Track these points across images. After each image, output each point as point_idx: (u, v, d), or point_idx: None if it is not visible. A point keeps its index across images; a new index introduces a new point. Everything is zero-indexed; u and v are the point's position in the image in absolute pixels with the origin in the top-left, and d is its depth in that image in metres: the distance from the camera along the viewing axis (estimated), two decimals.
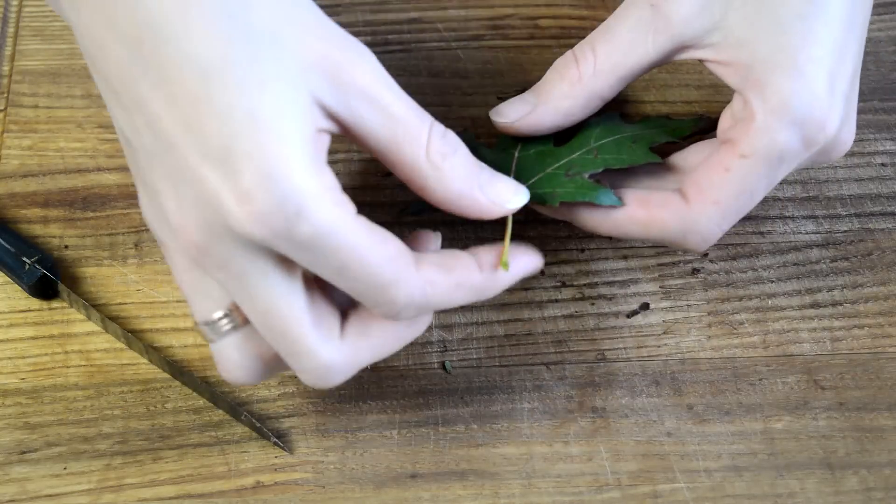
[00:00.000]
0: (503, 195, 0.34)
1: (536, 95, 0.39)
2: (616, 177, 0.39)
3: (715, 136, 0.38)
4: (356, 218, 0.30)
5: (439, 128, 0.32)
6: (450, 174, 0.32)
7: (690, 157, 0.39)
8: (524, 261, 0.35)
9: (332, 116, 0.30)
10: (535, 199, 0.36)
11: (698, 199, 0.35)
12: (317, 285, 0.32)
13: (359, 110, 0.30)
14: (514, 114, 0.39)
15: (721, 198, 0.35)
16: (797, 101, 0.34)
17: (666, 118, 0.41)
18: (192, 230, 0.29)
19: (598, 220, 0.37)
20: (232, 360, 0.33)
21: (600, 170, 0.38)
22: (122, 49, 0.29)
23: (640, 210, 0.36)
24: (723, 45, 0.36)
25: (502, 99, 0.43)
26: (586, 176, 0.38)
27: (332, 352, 0.32)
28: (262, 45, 0.29)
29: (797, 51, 0.34)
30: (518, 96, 0.39)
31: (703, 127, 0.40)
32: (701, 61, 0.37)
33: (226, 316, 0.32)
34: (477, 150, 0.35)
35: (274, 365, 0.34)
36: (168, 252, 0.33)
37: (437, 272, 0.32)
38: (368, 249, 0.30)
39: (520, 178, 0.38)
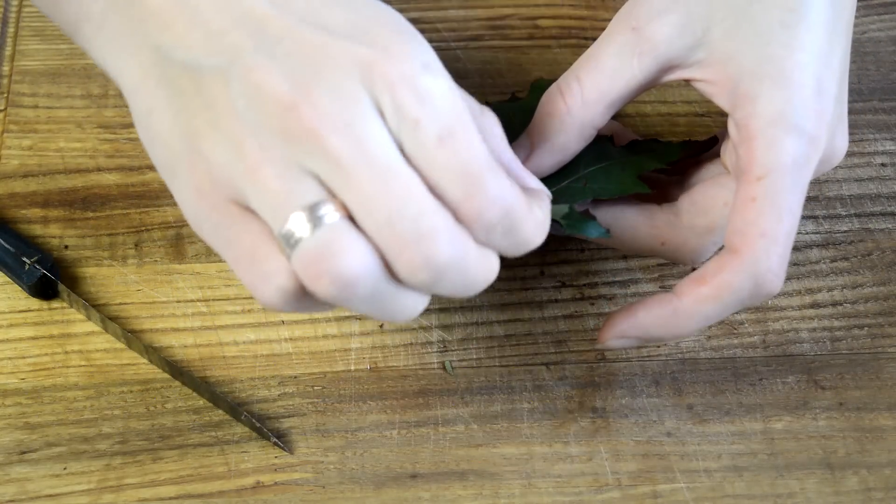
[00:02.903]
0: (523, 170, 0.35)
1: (530, 139, 0.38)
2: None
3: (702, 157, 0.38)
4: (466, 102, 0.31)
5: (487, 108, 0.35)
6: (497, 136, 0.34)
7: (700, 199, 0.38)
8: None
9: None
10: None
11: (746, 243, 0.33)
12: None
13: None
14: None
15: (765, 228, 0.33)
16: (791, 108, 0.34)
17: (654, 141, 0.40)
18: (314, 96, 0.29)
19: (667, 321, 0.35)
20: (344, 241, 0.29)
21: (589, 200, 0.38)
22: None
23: (704, 288, 0.34)
24: (708, 62, 0.36)
25: (490, 103, 0.43)
26: (576, 207, 0.38)
27: (447, 219, 0.30)
28: None
29: (783, 59, 0.34)
30: (513, 144, 0.38)
31: (692, 151, 0.40)
32: (688, 82, 0.37)
33: (325, 209, 0.29)
34: None
35: (378, 263, 0.30)
36: (249, 182, 0.30)
37: (516, 186, 0.32)
38: (473, 128, 0.30)
39: None
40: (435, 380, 0.41)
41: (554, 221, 0.38)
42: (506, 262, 0.34)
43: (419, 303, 0.32)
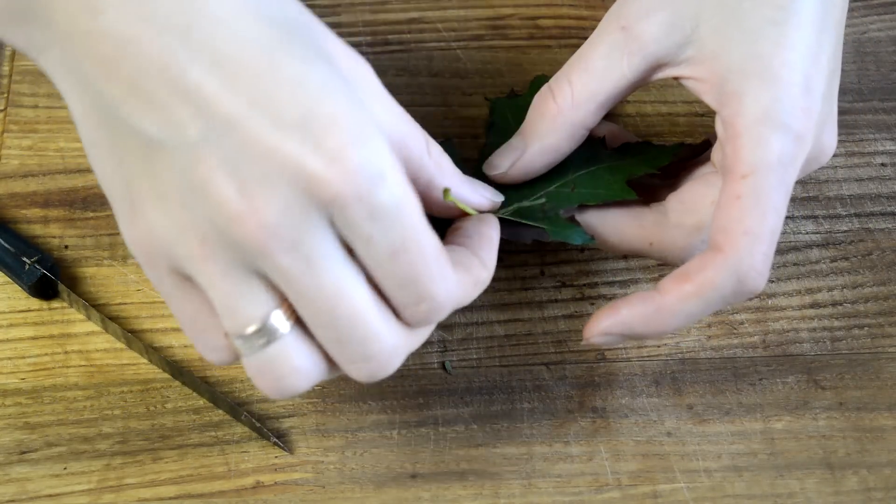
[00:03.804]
0: (488, 192, 0.37)
1: (522, 138, 0.38)
2: None
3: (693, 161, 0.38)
4: (419, 203, 0.30)
5: (429, 137, 0.35)
6: (448, 170, 0.34)
7: (688, 197, 0.38)
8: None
9: None
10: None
11: (730, 241, 0.33)
12: None
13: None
14: (505, 162, 0.38)
15: (749, 226, 0.33)
16: (778, 106, 0.34)
17: (646, 144, 0.40)
18: (264, 209, 0.28)
19: (650, 318, 0.35)
20: (293, 362, 0.30)
21: (575, 206, 0.38)
22: (169, 38, 0.28)
23: (687, 285, 0.34)
24: (697, 60, 0.36)
25: (490, 99, 0.44)
26: (561, 213, 0.38)
27: (396, 334, 0.31)
28: (302, 33, 0.30)
29: (771, 57, 0.34)
30: (505, 144, 0.39)
31: (683, 155, 0.40)
32: (677, 80, 0.37)
33: (276, 320, 0.30)
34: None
35: (327, 365, 0.32)
36: (194, 269, 0.29)
37: (464, 274, 0.33)
38: (427, 236, 0.30)
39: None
40: (435, 380, 0.41)
41: (539, 228, 0.38)
42: (506, 263, 0.34)
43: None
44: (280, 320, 0.30)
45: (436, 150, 0.34)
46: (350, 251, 0.29)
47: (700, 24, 0.35)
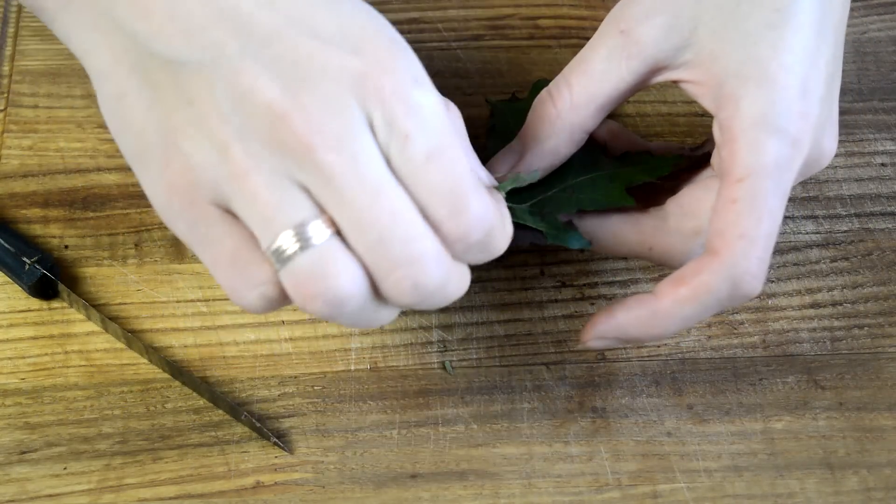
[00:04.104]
0: (484, 171, 0.35)
1: (521, 142, 0.38)
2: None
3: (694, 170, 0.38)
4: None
5: (450, 102, 0.35)
6: (461, 133, 0.34)
7: (687, 202, 0.38)
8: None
9: None
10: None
11: (725, 245, 0.33)
12: None
13: None
14: (505, 166, 0.38)
15: (744, 229, 0.33)
16: (774, 110, 0.33)
17: (647, 153, 0.40)
18: (307, 106, 0.28)
19: (646, 322, 0.35)
20: (336, 262, 0.29)
21: (574, 211, 0.38)
22: None
23: (683, 289, 0.34)
24: (695, 63, 0.36)
25: (490, 102, 0.44)
26: (559, 216, 0.38)
27: (436, 244, 0.30)
28: None
29: (768, 60, 0.34)
30: (505, 147, 0.39)
31: (683, 165, 0.40)
32: (676, 83, 0.37)
33: (315, 226, 0.29)
34: None
35: (368, 283, 0.30)
36: (233, 187, 0.29)
37: (496, 201, 0.32)
38: (460, 144, 0.31)
39: None
40: (435, 380, 0.41)
41: (537, 231, 0.38)
42: (506, 263, 0.34)
43: (392, 315, 0.32)
44: (320, 228, 0.29)
45: (454, 110, 0.34)
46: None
47: (698, 27, 0.35)
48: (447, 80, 0.48)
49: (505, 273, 0.43)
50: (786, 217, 0.45)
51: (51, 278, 0.41)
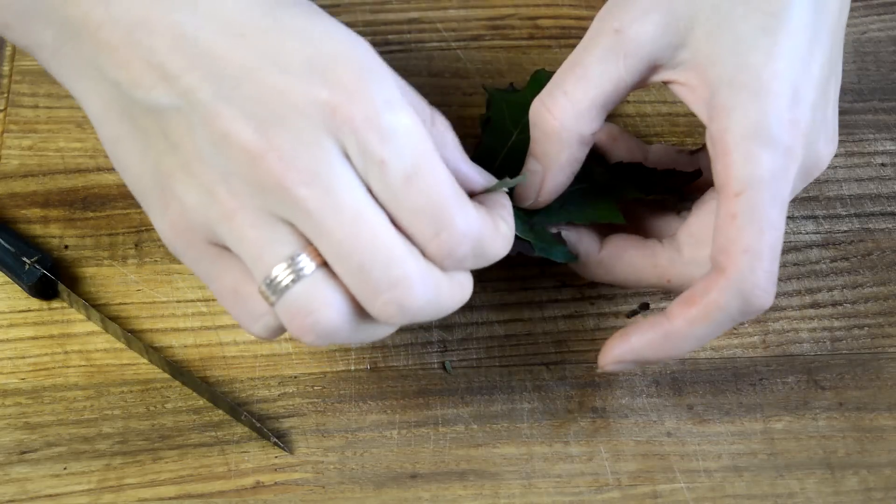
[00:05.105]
0: (486, 177, 0.35)
1: (536, 162, 0.37)
2: None
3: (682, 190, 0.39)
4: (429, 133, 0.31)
5: (437, 112, 0.35)
6: (451, 144, 0.34)
7: (696, 230, 0.37)
8: None
9: None
10: None
11: (730, 261, 0.33)
12: None
13: None
14: (531, 191, 0.38)
15: (747, 244, 0.33)
16: (766, 120, 0.33)
17: (639, 165, 0.40)
18: (279, 144, 0.29)
19: (661, 344, 0.36)
20: (322, 296, 0.30)
21: (563, 223, 0.39)
22: (177, 15, 0.30)
23: (693, 310, 0.34)
24: (691, 65, 0.35)
25: (488, 90, 0.43)
26: (549, 228, 0.38)
27: (419, 263, 0.31)
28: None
29: (760, 68, 0.34)
30: (523, 171, 0.38)
31: (675, 182, 0.40)
32: (670, 84, 0.37)
33: (301, 259, 0.30)
34: None
35: (354, 309, 0.31)
36: (224, 228, 0.31)
37: (485, 212, 0.33)
38: (440, 163, 0.31)
39: None
40: (435, 380, 0.41)
41: (525, 242, 0.38)
42: (506, 262, 0.34)
43: (390, 330, 0.33)
44: (306, 262, 0.30)
45: (440, 122, 0.34)
46: (369, 191, 0.30)
47: (695, 26, 0.35)
48: (447, 80, 0.48)
49: (505, 273, 0.43)
50: (786, 217, 0.45)
51: (51, 278, 0.41)
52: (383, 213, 0.30)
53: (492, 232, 0.32)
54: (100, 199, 0.45)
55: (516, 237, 0.37)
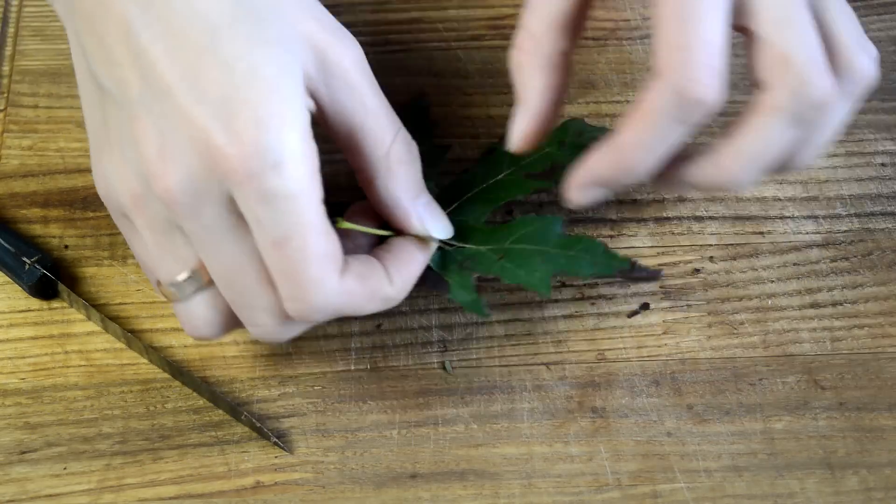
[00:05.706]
0: (432, 222, 0.37)
1: (517, 102, 0.37)
2: None
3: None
4: (320, 201, 0.32)
5: (406, 135, 0.36)
6: (398, 179, 0.36)
7: None
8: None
9: (313, 93, 0.33)
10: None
11: (663, 60, 0.32)
12: None
13: (337, 93, 0.34)
14: (518, 128, 0.37)
15: (680, 42, 0.32)
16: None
17: (589, 240, 0.38)
18: (173, 173, 0.31)
19: (614, 158, 0.35)
20: (198, 315, 0.35)
21: (489, 210, 0.40)
22: (132, 4, 0.31)
23: (633, 115, 0.33)
24: None
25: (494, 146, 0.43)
26: (472, 278, 0.39)
27: (278, 317, 0.34)
28: (265, 11, 0.32)
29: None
30: (513, 111, 0.37)
31: (632, 275, 0.40)
32: None
33: (192, 277, 0.34)
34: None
35: (231, 322, 0.36)
36: (131, 216, 0.33)
37: (356, 283, 0.34)
38: (316, 233, 0.32)
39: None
40: (435, 380, 0.41)
41: (443, 280, 0.38)
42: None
43: (298, 329, 0.36)
44: (195, 281, 0.34)
45: (398, 151, 0.35)
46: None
47: None
48: (447, 80, 0.48)
49: None
50: (786, 217, 0.45)
51: (51, 278, 0.41)
52: (258, 262, 0.32)
53: (361, 299, 0.34)
54: (100, 199, 0.44)
55: (435, 274, 0.38)
